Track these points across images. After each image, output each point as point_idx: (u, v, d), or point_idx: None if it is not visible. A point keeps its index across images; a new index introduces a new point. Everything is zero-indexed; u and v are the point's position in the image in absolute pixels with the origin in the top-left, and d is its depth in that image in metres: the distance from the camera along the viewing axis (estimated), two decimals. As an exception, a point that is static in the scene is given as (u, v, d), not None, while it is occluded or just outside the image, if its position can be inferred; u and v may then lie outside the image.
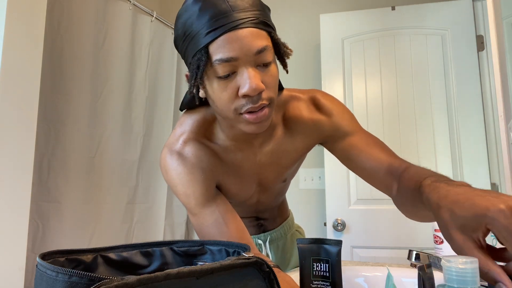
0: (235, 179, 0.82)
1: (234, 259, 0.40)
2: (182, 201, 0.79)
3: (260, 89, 0.63)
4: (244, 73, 0.63)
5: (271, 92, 0.66)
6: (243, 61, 0.62)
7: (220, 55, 0.62)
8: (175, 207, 2.05)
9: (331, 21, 2.12)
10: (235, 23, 0.61)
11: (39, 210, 1.39)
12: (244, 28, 0.62)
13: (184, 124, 0.80)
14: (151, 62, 1.90)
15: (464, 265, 0.48)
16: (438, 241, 0.96)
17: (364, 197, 1.95)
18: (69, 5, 1.50)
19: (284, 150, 0.83)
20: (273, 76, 0.67)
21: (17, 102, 1.16)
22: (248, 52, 0.62)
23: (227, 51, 0.61)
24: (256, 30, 0.63)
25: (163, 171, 0.79)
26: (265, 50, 0.63)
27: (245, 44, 0.62)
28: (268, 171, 0.84)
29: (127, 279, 0.33)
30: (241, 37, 0.62)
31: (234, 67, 0.63)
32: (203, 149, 0.77)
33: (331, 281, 0.51)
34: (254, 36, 0.62)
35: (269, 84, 0.65)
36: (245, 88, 0.62)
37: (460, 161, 1.86)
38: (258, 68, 0.64)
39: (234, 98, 0.65)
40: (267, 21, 0.66)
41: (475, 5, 1.94)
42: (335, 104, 0.84)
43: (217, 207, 0.77)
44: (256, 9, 0.64)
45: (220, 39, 0.62)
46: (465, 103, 1.89)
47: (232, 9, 0.62)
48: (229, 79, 0.64)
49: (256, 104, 0.64)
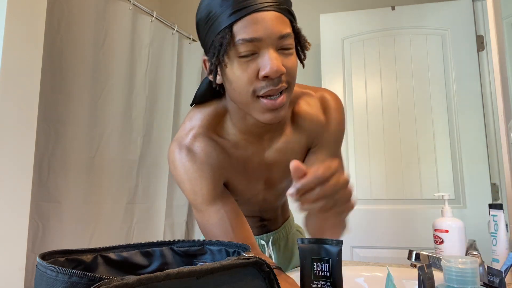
0: (242, 176, 0.81)
1: (234, 259, 0.40)
2: (188, 197, 0.79)
3: (281, 71, 0.63)
4: (266, 54, 0.63)
5: (290, 77, 0.66)
6: (266, 43, 0.63)
7: (243, 35, 0.62)
8: (175, 207, 2.05)
9: (331, 21, 2.12)
10: (261, 5, 0.62)
11: (39, 210, 1.39)
12: (270, 10, 0.63)
13: (194, 118, 0.79)
14: (151, 62, 1.90)
15: (464, 265, 0.48)
16: (438, 241, 0.96)
17: (364, 197, 1.95)
18: (69, 5, 1.50)
19: (291, 148, 0.82)
20: (294, 62, 0.67)
21: (17, 102, 1.16)
22: (271, 34, 0.63)
23: (251, 31, 0.62)
24: (281, 15, 0.64)
25: (171, 166, 0.78)
26: (288, 36, 0.64)
27: (269, 26, 0.62)
28: (275, 169, 0.83)
29: (127, 279, 0.33)
30: (266, 18, 0.62)
31: (256, 48, 0.63)
32: (212, 145, 0.77)
33: (331, 281, 0.51)
34: (278, 20, 0.63)
35: (289, 69, 0.66)
36: (267, 69, 0.62)
37: (460, 161, 1.85)
38: (279, 52, 0.65)
39: (254, 80, 0.64)
40: (288, 8, 0.67)
41: (475, 5, 1.94)
42: (338, 113, 0.83)
43: (223, 206, 0.77)
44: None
45: (245, 19, 0.62)
46: (465, 103, 1.89)
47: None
48: (250, 60, 0.64)
49: (277, 86, 0.64)
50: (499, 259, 0.87)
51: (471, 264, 0.48)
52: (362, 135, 2.00)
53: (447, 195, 1.02)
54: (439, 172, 1.88)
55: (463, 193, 1.83)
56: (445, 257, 0.51)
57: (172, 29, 2.04)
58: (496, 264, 0.87)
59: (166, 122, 1.99)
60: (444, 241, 0.95)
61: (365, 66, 2.06)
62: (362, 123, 2.01)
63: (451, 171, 1.86)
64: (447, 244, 0.95)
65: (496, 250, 0.88)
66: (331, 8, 2.27)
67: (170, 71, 2.03)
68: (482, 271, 0.75)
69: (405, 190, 1.91)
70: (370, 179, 1.96)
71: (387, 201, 1.93)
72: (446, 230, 0.95)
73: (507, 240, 0.87)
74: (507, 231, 0.88)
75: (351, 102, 2.04)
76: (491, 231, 0.90)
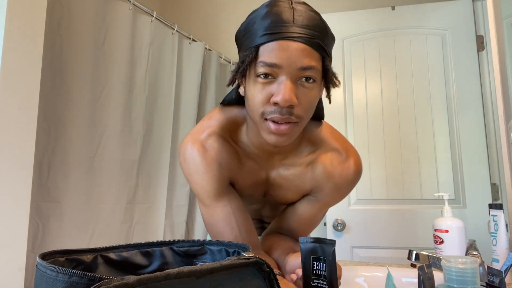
0: (247, 183, 0.83)
1: (234, 259, 0.40)
2: (195, 191, 0.80)
3: (292, 102, 0.64)
4: (282, 82, 0.64)
5: (303, 111, 0.67)
6: (285, 71, 0.64)
7: (266, 58, 0.64)
8: (175, 207, 2.05)
9: (331, 21, 2.09)
10: (291, 34, 0.63)
11: (39, 210, 1.39)
12: (298, 42, 0.64)
13: (214, 118, 0.81)
14: (151, 62, 1.90)
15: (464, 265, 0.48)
16: (438, 241, 0.96)
17: (364, 197, 1.95)
18: (69, 5, 1.50)
19: (296, 184, 0.82)
20: (311, 96, 0.67)
21: (17, 102, 1.16)
22: (292, 64, 0.63)
23: (273, 56, 0.64)
24: (308, 48, 0.64)
25: (181, 158, 0.80)
26: (310, 69, 0.65)
27: (292, 55, 0.63)
28: (277, 190, 0.85)
29: (127, 279, 0.33)
30: (291, 48, 0.63)
31: (275, 73, 0.65)
32: (225, 146, 0.78)
33: (327, 280, 0.51)
34: (304, 52, 0.64)
35: (304, 102, 0.66)
36: (278, 96, 0.63)
37: (460, 161, 1.85)
38: (299, 83, 0.65)
39: (265, 102, 0.66)
40: (323, 45, 0.67)
41: (475, 5, 1.94)
42: (350, 187, 0.83)
43: (229, 202, 0.78)
44: (317, 30, 0.66)
45: (272, 43, 0.64)
46: (465, 103, 1.89)
47: (293, 22, 0.64)
48: (267, 82, 0.66)
49: (283, 116, 0.65)
50: (499, 259, 0.87)
51: (471, 264, 0.48)
52: (362, 135, 2.00)
53: (447, 195, 1.02)
54: (439, 172, 1.88)
55: (463, 193, 1.83)
56: (445, 257, 0.51)
57: (172, 29, 2.03)
58: (496, 264, 0.87)
59: (166, 122, 1.99)
60: (444, 241, 0.95)
61: (365, 66, 2.06)
62: (362, 123, 2.01)
63: (451, 171, 1.86)
64: (447, 244, 0.95)
65: (496, 250, 0.88)
66: (331, 8, 2.27)
67: (170, 71, 2.03)
68: (482, 271, 0.75)
69: (405, 190, 1.91)
70: (370, 179, 1.96)
71: (387, 201, 1.93)
72: (446, 230, 0.95)
73: (507, 240, 0.87)
74: (507, 231, 0.88)
75: (351, 102, 2.04)
76: (491, 231, 0.90)
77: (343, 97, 2.05)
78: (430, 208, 1.84)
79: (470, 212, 1.79)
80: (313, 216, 0.86)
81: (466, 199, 1.82)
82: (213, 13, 2.52)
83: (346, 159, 0.80)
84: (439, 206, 1.04)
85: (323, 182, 0.80)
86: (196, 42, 2.22)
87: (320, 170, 0.80)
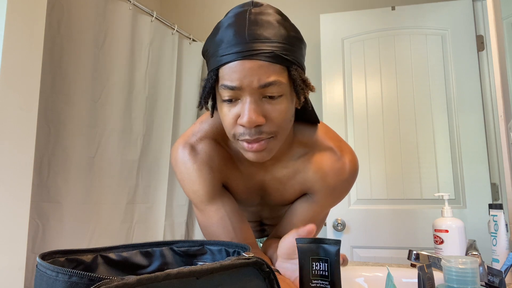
0: (241, 186, 0.82)
1: (234, 259, 0.40)
2: (187, 195, 0.79)
3: (257, 123, 0.62)
4: (245, 103, 0.63)
5: (274, 127, 0.65)
6: (245, 92, 0.62)
7: (225, 81, 0.62)
8: (175, 207, 2.05)
9: (331, 21, 2.12)
10: (246, 53, 0.61)
11: (39, 210, 1.39)
12: (253, 60, 0.61)
13: (206, 122, 0.80)
14: (151, 62, 1.90)
15: (464, 265, 0.48)
16: (438, 241, 0.96)
17: (364, 197, 1.95)
18: (69, 5, 1.50)
19: (291, 184, 0.81)
20: (280, 110, 0.64)
21: (17, 102, 1.16)
22: (251, 84, 0.61)
23: (232, 79, 0.62)
24: (266, 64, 0.61)
25: (173, 162, 0.79)
26: (271, 85, 0.62)
27: (249, 75, 0.61)
28: (272, 193, 0.84)
29: (127, 279, 0.33)
30: (247, 68, 0.61)
31: (238, 95, 0.63)
32: (217, 149, 0.77)
33: (330, 280, 0.51)
34: (262, 70, 0.61)
35: (274, 118, 0.64)
36: (242, 119, 0.62)
37: (460, 161, 1.86)
38: (264, 100, 0.63)
39: (234, 124, 0.65)
40: (286, 56, 0.63)
41: (475, 5, 1.94)
42: (347, 185, 0.81)
43: (223, 205, 0.77)
44: (278, 41, 0.62)
45: (228, 66, 0.62)
46: (465, 103, 1.89)
47: (248, 38, 0.61)
48: (232, 104, 0.64)
49: (252, 137, 0.64)
50: (499, 259, 0.87)
51: (471, 264, 0.48)
52: (362, 135, 2.00)
53: (447, 195, 1.02)
54: (439, 172, 1.88)
55: (463, 193, 1.83)
56: (445, 257, 0.51)
57: (172, 29, 2.04)
58: (496, 264, 0.87)
59: (166, 122, 1.99)
60: (444, 241, 0.95)
61: (365, 66, 2.06)
62: (362, 123, 2.01)
63: (451, 171, 1.86)
64: (447, 244, 0.95)
65: (496, 250, 0.88)
66: (331, 8, 2.27)
67: (170, 71, 2.03)
68: (482, 271, 0.75)
69: (405, 190, 1.91)
70: (370, 179, 1.96)
71: (387, 201, 1.93)
72: (446, 230, 0.95)
73: (507, 240, 0.87)
74: (507, 231, 0.88)
75: (351, 102, 2.04)
76: (491, 231, 0.90)
77: (343, 97, 2.05)
78: (430, 208, 1.84)
79: (470, 212, 1.79)
80: (312, 219, 0.85)
81: (466, 199, 1.82)
82: (213, 13, 2.52)
83: (340, 157, 0.78)
84: (439, 206, 1.04)
85: (318, 182, 0.79)
86: (196, 42, 2.22)
87: (314, 170, 0.78)
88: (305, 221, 0.83)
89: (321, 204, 0.82)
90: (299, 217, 0.84)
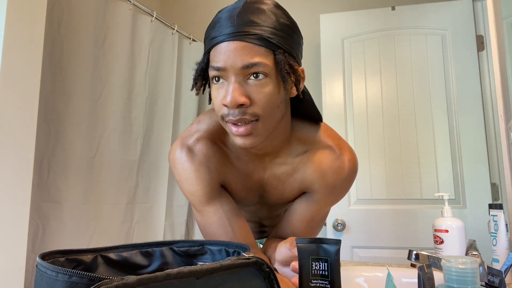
0: (240, 185, 0.82)
1: (234, 259, 0.40)
2: (186, 196, 0.79)
3: (238, 102, 0.62)
4: (229, 84, 0.64)
5: (258, 109, 0.65)
6: (229, 72, 0.64)
7: (213, 63, 0.65)
8: (175, 207, 2.05)
9: (331, 21, 2.12)
10: (230, 35, 0.63)
11: (39, 210, 1.39)
12: (236, 41, 0.63)
13: (203, 122, 0.80)
14: (151, 62, 1.90)
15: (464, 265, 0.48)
16: (438, 241, 0.96)
17: (364, 197, 1.95)
18: (69, 5, 1.50)
19: (290, 183, 0.81)
20: (264, 93, 0.65)
21: (17, 102, 1.16)
22: (233, 64, 0.63)
23: (218, 60, 0.64)
24: (250, 45, 0.63)
25: (171, 163, 0.79)
26: (254, 66, 0.63)
27: (232, 56, 0.63)
28: (271, 191, 0.83)
29: (127, 279, 0.33)
30: (231, 49, 0.63)
31: (225, 76, 0.65)
32: (214, 150, 0.77)
33: (330, 280, 0.51)
34: (244, 51, 0.63)
35: (258, 100, 0.64)
36: (226, 99, 0.63)
37: (460, 161, 1.86)
38: (249, 81, 0.64)
39: (221, 105, 0.66)
40: (271, 40, 0.64)
41: (475, 5, 1.94)
42: (346, 183, 0.80)
43: (221, 206, 0.77)
44: (265, 25, 0.64)
45: (216, 48, 0.65)
46: (465, 103, 1.89)
47: (235, 22, 0.64)
48: (221, 85, 0.66)
49: (235, 118, 0.64)
50: (499, 259, 0.87)
51: (471, 264, 0.48)
52: (362, 135, 2.00)
53: (447, 195, 1.02)
54: (439, 172, 1.88)
55: (463, 193, 1.83)
56: (445, 257, 0.51)
57: (172, 29, 2.04)
58: (496, 264, 0.87)
59: (166, 122, 1.99)
60: (444, 241, 0.95)
61: (365, 66, 2.06)
62: (362, 123, 2.01)
63: (451, 171, 1.86)
64: (447, 244, 0.95)
65: (496, 250, 0.88)
66: (331, 8, 2.27)
67: (170, 71, 2.03)
68: (482, 271, 0.75)
69: (405, 190, 1.91)
70: (370, 179, 1.96)
71: (387, 201, 1.93)
72: (446, 230, 0.95)
73: (507, 240, 0.87)
74: (507, 231, 0.88)
75: (351, 102, 2.04)
76: (491, 231, 0.90)
77: (343, 97, 2.05)
78: (430, 208, 1.84)
79: (470, 212, 1.79)
80: (312, 218, 0.85)
81: (466, 199, 1.82)
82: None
83: (339, 156, 0.77)
84: (439, 206, 1.04)
85: (317, 181, 0.78)
86: (196, 42, 2.22)
87: (313, 169, 0.78)
88: (304, 220, 0.83)
89: (320, 203, 0.82)
90: (299, 216, 0.84)
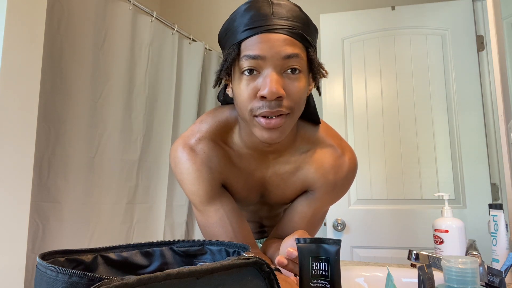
0: (241, 185, 0.82)
1: (234, 259, 0.40)
2: (187, 196, 0.80)
3: (279, 94, 0.63)
4: (267, 75, 0.63)
5: (292, 102, 0.65)
6: (269, 62, 0.63)
7: (248, 51, 0.64)
8: (175, 207, 2.05)
9: (331, 21, 2.12)
10: (272, 26, 0.64)
11: (39, 210, 1.39)
12: (279, 33, 0.64)
13: (205, 122, 0.80)
14: (151, 62, 1.90)
15: (464, 265, 0.48)
16: (438, 241, 0.96)
17: (364, 197, 1.95)
18: (69, 5, 1.50)
19: (292, 181, 0.81)
20: (299, 87, 0.66)
21: (17, 102, 1.16)
22: (276, 54, 0.63)
23: (256, 49, 0.63)
24: (290, 38, 0.64)
25: (172, 163, 0.79)
26: (294, 57, 0.64)
27: (275, 46, 0.63)
28: (273, 190, 0.84)
29: (127, 279, 0.32)
30: (273, 39, 0.63)
31: (259, 66, 0.64)
32: (216, 150, 0.77)
33: (330, 280, 0.51)
34: (286, 42, 0.64)
35: (292, 93, 0.65)
36: (264, 90, 0.62)
37: (460, 161, 1.86)
38: (284, 75, 0.65)
39: (252, 98, 0.65)
40: (306, 35, 0.67)
41: (475, 5, 1.94)
42: (347, 181, 0.82)
43: (222, 206, 0.77)
44: (298, 21, 0.66)
45: (253, 38, 0.64)
46: (465, 103, 1.89)
47: (273, 15, 0.65)
48: (252, 78, 0.65)
49: (273, 109, 0.64)
50: (499, 259, 0.87)
51: (471, 264, 0.48)
52: (362, 135, 2.00)
53: (447, 195, 1.02)
54: (439, 172, 1.88)
55: (463, 193, 1.83)
56: (445, 257, 0.51)
57: (172, 29, 2.04)
58: (496, 264, 0.87)
59: (166, 122, 1.99)
60: (444, 241, 0.95)
61: (365, 66, 2.06)
62: (362, 123, 2.01)
63: (451, 171, 1.86)
64: (447, 244, 0.95)
65: (496, 250, 0.88)
66: (331, 8, 2.27)
67: (170, 71, 2.03)
68: (482, 271, 0.75)
69: (405, 190, 1.91)
70: (370, 179, 1.96)
71: (387, 201, 1.93)
72: (446, 230, 0.95)
73: (507, 240, 0.87)
74: (507, 231, 0.88)
75: (351, 102, 2.04)
76: (491, 231, 0.90)
77: (343, 97, 2.05)
78: (430, 208, 1.84)
79: (470, 212, 1.79)
80: (313, 216, 0.85)
81: (466, 199, 1.82)
82: (213, 13, 2.52)
83: (341, 155, 0.79)
84: (439, 206, 1.04)
85: (319, 179, 0.80)
86: (196, 42, 2.22)
87: (315, 167, 0.79)
88: (305, 218, 0.84)
89: (321, 201, 0.83)
90: (300, 215, 0.84)
